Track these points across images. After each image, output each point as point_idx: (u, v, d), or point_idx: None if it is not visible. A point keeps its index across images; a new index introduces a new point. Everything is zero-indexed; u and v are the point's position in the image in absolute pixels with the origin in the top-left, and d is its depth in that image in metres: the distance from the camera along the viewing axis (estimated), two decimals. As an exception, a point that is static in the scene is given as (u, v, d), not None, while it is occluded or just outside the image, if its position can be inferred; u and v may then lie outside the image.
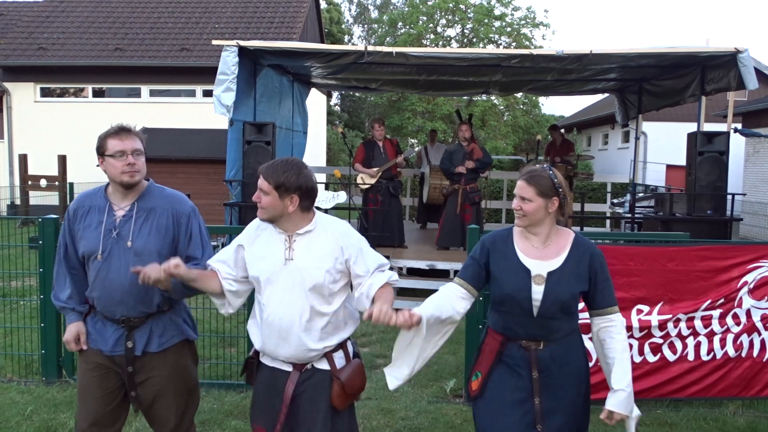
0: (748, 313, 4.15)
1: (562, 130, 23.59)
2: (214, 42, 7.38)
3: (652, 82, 9.02)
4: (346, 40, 34.83)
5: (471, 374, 2.67)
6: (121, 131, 2.64)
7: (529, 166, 2.60)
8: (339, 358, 2.55)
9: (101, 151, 2.63)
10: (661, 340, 4.13)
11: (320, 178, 12.91)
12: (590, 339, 2.68)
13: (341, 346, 2.57)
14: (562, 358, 2.51)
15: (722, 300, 4.12)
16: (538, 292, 2.47)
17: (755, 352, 4.18)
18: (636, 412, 2.49)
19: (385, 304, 2.36)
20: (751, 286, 4.13)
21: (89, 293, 2.71)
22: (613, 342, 2.48)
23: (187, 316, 2.89)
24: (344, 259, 2.48)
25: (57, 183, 12.51)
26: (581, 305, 2.63)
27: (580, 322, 2.66)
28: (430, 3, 26.10)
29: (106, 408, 2.70)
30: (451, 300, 2.55)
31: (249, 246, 2.57)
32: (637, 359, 4.14)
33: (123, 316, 2.66)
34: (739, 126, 14.51)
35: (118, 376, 2.72)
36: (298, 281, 2.44)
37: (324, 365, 2.53)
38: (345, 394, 2.51)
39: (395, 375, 2.62)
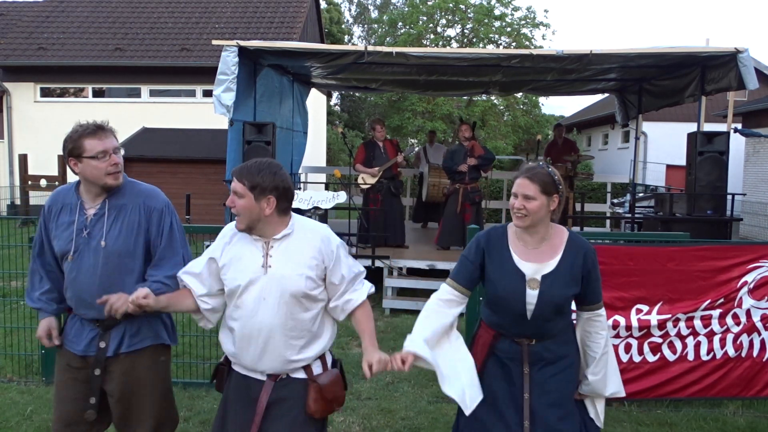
0: (748, 313, 4.15)
1: (573, 131, 23.45)
2: (214, 42, 7.37)
3: (652, 82, 9.02)
4: (346, 40, 34.80)
5: None
6: (99, 130, 2.47)
7: (525, 165, 2.54)
8: (316, 366, 2.44)
9: (77, 152, 2.46)
10: (660, 340, 4.13)
11: (320, 178, 12.93)
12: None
13: (320, 356, 2.46)
14: (553, 353, 2.52)
15: (722, 300, 4.12)
16: (532, 296, 2.46)
17: (755, 352, 4.18)
18: (611, 393, 2.60)
19: (370, 350, 2.39)
20: (751, 286, 4.13)
21: (65, 293, 2.62)
22: (598, 338, 2.55)
23: (167, 318, 2.77)
24: (324, 265, 2.39)
25: (57, 183, 12.51)
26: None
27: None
28: (430, 3, 26.07)
29: (78, 410, 2.59)
30: (444, 311, 2.54)
31: (221, 257, 2.43)
32: (637, 359, 4.14)
33: (96, 316, 2.55)
34: (739, 126, 14.51)
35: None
36: (276, 290, 2.33)
37: (300, 374, 2.41)
38: (323, 399, 2.38)
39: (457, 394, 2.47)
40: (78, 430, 2.60)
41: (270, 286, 2.33)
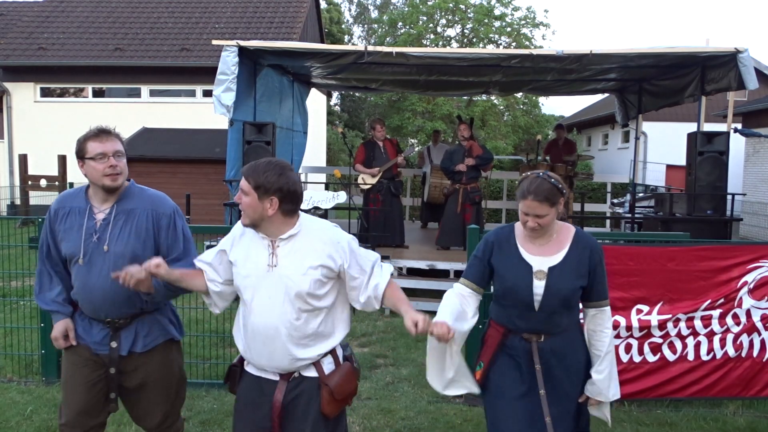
0: (748, 313, 4.15)
1: (573, 131, 23.42)
2: (214, 42, 7.38)
3: (652, 82, 9.02)
4: (346, 40, 34.80)
5: (475, 364, 2.69)
6: (101, 133, 2.60)
7: (526, 181, 2.51)
8: (328, 364, 2.43)
9: (81, 154, 2.60)
10: (660, 340, 4.13)
11: (320, 178, 12.93)
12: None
13: (330, 351, 2.44)
14: (562, 351, 2.57)
15: (722, 300, 4.12)
16: (539, 287, 2.52)
17: (755, 352, 4.17)
18: (613, 397, 2.62)
19: (412, 311, 2.31)
20: (751, 286, 4.13)
21: (73, 294, 2.71)
22: (603, 335, 2.59)
23: (173, 316, 2.87)
24: (337, 265, 2.37)
25: (57, 183, 12.51)
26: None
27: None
28: (430, 3, 26.08)
29: (91, 397, 2.69)
30: (465, 306, 2.58)
31: (231, 250, 2.47)
32: (637, 359, 4.14)
33: (107, 317, 2.66)
34: (739, 126, 14.51)
35: (102, 370, 2.71)
36: (281, 289, 2.33)
37: (311, 372, 2.41)
38: (335, 401, 2.39)
39: (437, 384, 2.64)
40: (89, 418, 2.70)
41: (275, 285, 2.34)
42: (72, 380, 2.71)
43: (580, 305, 2.67)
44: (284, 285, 2.33)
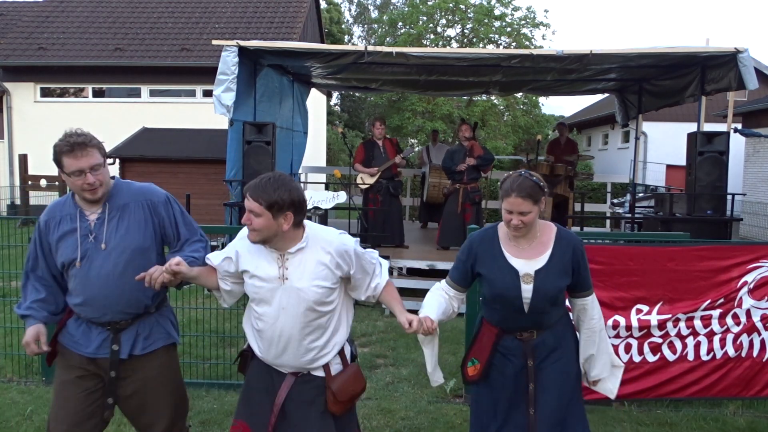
0: (748, 313, 4.15)
1: (573, 131, 23.39)
2: (214, 42, 7.38)
3: (652, 82, 9.02)
4: (346, 40, 34.78)
5: (467, 359, 2.79)
6: (76, 148, 2.46)
7: (508, 180, 2.60)
8: (335, 364, 2.53)
9: (58, 165, 2.51)
10: (660, 340, 4.13)
11: (320, 178, 12.93)
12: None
13: (338, 352, 2.54)
14: (553, 342, 2.68)
15: (722, 300, 4.12)
16: (527, 290, 2.60)
17: (755, 352, 4.18)
18: (617, 365, 2.83)
19: (405, 312, 2.49)
20: (751, 286, 4.13)
21: (71, 301, 2.62)
22: (589, 317, 2.71)
23: (174, 318, 2.83)
24: (344, 272, 2.48)
25: (57, 183, 12.51)
26: None
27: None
28: (430, 3, 26.05)
29: (86, 407, 2.59)
30: (449, 301, 2.74)
31: (244, 254, 2.50)
32: (637, 359, 4.14)
33: (110, 320, 2.58)
34: (739, 126, 14.51)
35: (98, 379, 2.63)
36: (294, 301, 2.41)
37: (319, 372, 2.51)
38: (338, 402, 2.47)
39: (437, 378, 2.81)
40: (82, 430, 2.59)
41: (288, 297, 2.41)
42: (65, 392, 2.60)
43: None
44: (297, 297, 2.41)
